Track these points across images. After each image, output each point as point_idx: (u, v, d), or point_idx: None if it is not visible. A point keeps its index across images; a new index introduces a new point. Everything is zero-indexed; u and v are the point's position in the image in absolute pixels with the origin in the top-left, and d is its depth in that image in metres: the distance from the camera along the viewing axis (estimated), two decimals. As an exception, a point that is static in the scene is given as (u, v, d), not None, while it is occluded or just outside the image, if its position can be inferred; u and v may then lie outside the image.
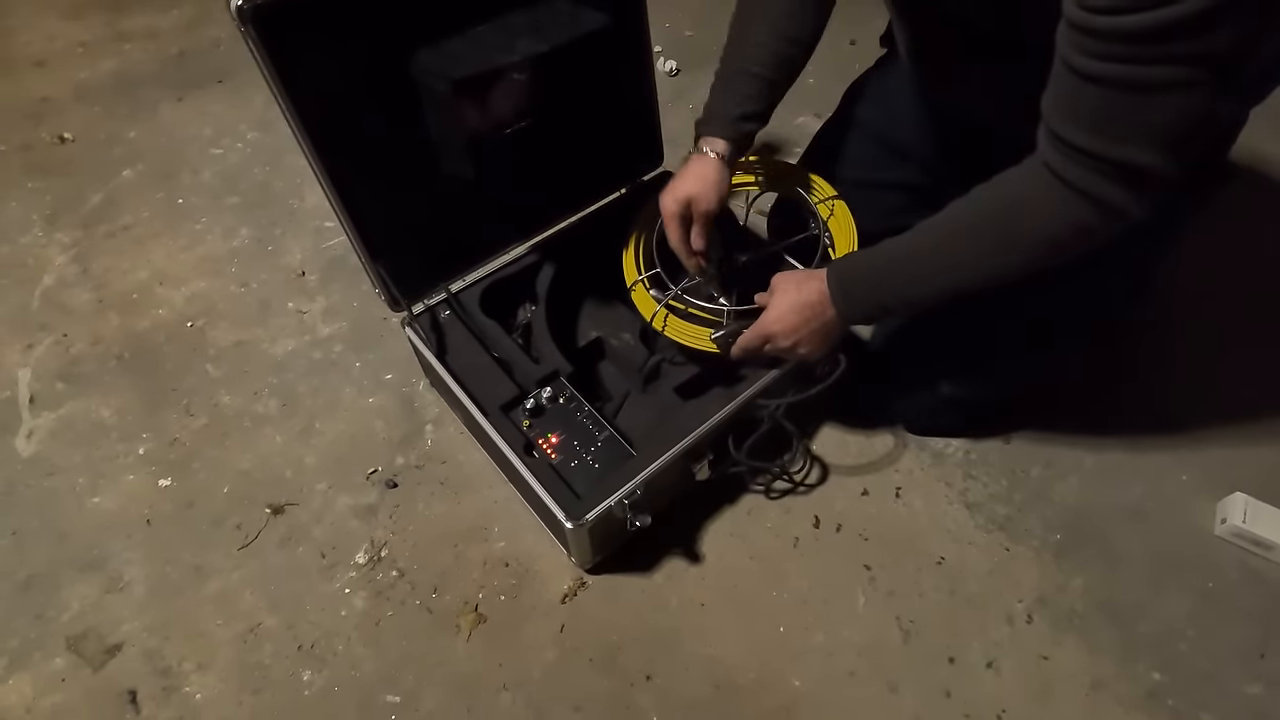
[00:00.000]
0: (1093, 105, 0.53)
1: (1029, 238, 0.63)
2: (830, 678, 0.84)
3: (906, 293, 0.72)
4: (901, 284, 0.72)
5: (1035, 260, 0.64)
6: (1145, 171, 0.54)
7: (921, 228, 0.70)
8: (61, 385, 1.09)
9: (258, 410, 1.06)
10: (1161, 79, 0.50)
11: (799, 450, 0.97)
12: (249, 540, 0.94)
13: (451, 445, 1.02)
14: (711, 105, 0.85)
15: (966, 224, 0.67)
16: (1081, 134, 0.55)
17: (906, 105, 0.93)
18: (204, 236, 1.29)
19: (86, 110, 1.51)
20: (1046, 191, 0.59)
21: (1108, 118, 0.53)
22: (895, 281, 0.72)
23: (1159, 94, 0.51)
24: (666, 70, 1.59)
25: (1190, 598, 0.89)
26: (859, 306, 0.75)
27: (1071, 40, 0.52)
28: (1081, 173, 0.57)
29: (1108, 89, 0.52)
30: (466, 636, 0.87)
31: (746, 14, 0.83)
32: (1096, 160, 0.55)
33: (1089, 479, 0.98)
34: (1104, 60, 0.51)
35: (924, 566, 0.92)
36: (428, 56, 0.75)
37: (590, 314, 1.04)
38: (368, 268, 0.87)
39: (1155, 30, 0.47)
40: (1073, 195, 0.58)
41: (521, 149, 0.90)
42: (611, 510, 0.79)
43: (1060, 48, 0.54)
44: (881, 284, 0.73)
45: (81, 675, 0.84)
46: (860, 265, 0.75)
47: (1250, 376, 1.07)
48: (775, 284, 0.80)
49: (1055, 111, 0.57)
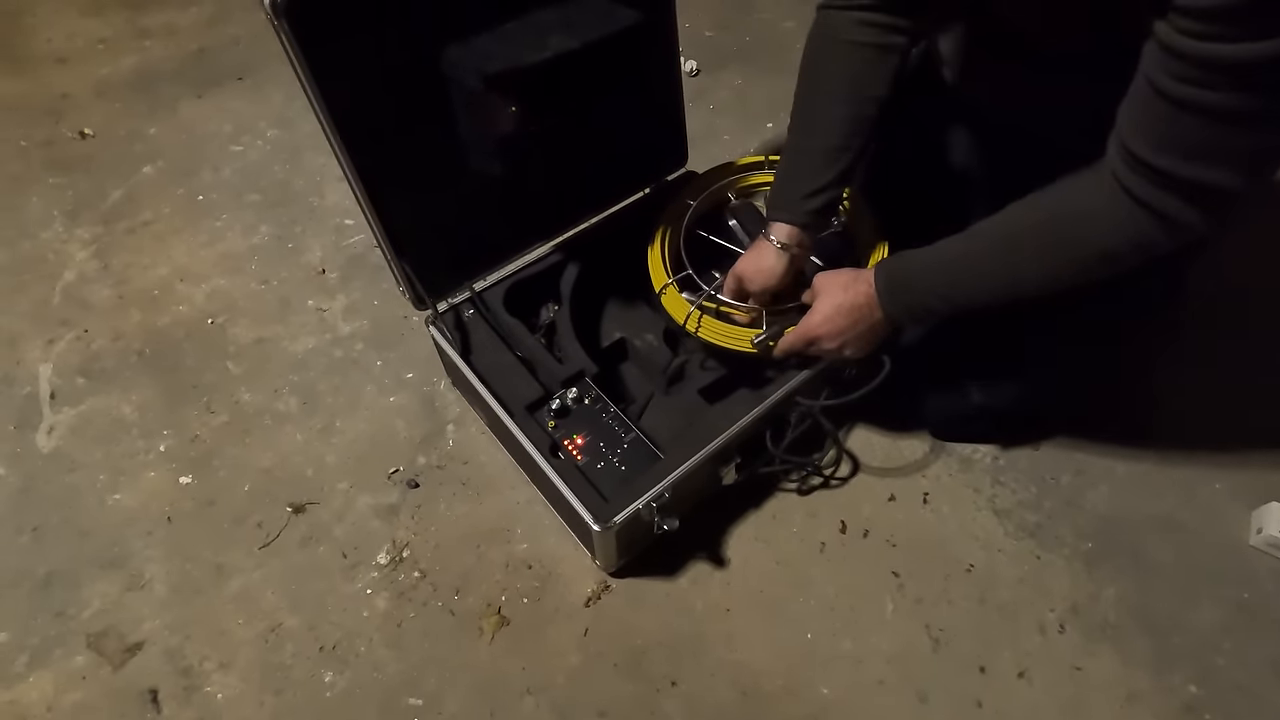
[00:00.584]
0: (1178, 129, 0.52)
1: (1088, 249, 0.62)
2: (859, 686, 0.82)
3: (956, 296, 0.70)
4: (951, 287, 0.70)
5: (1091, 271, 0.63)
6: (1222, 192, 0.53)
7: (976, 231, 0.68)
8: (82, 381, 1.09)
9: (278, 408, 1.06)
10: (1251, 109, 0.49)
11: (833, 448, 0.96)
12: (270, 539, 0.93)
13: (473, 445, 1.02)
14: (776, 186, 0.84)
15: (1024, 230, 0.66)
16: (1162, 155, 0.54)
17: (940, 112, 0.91)
18: (224, 233, 1.29)
19: (107, 107, 1.51)
20: (1112, 205, 0.58)
21: (1192, 142, 0.52)
22: (945, 285, 0.71)
23: (1246, 123, 0.50)
24: (688, 70, 1.58)
25: (1225, 609, 0.87)
26: (907, 309, 0.74)
27: (1162, 63, 0.51)
28: (1154, 191, 0.55)
29: (1196, 115, 0.51)
30: (489, 639, 0.86)
31: (811, 80, 0.80)
32: (1173, 180, 0.54)
33: (1120, 487, 0.97)
34: (1197, 86, 0.49)
35: (953, 574, 0.90)
36: (459, 53, 0.75)
37: (613, 314, 1.03)
38: (393, 265, 0.86)
39: (1253, 63, 0.46)
40: (1140, 211, 0.57)
41: (548, 147, 0.89)
42: (639, 513, 0.78)
43: (1148, 69, 0.53)
44: (931, 287, 0.71)
45: (102, 674, 0.83)
46: (910, 267, 0.73)
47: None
48: (820, 285, 0.79)
49: (1134, 130, 0.56)
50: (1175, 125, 0.52)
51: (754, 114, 1.51)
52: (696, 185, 1.00)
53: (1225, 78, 0.48)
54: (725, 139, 1.46)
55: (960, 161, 0.92)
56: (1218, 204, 0.55)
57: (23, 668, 0.84)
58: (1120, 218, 0.58)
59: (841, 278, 0.77)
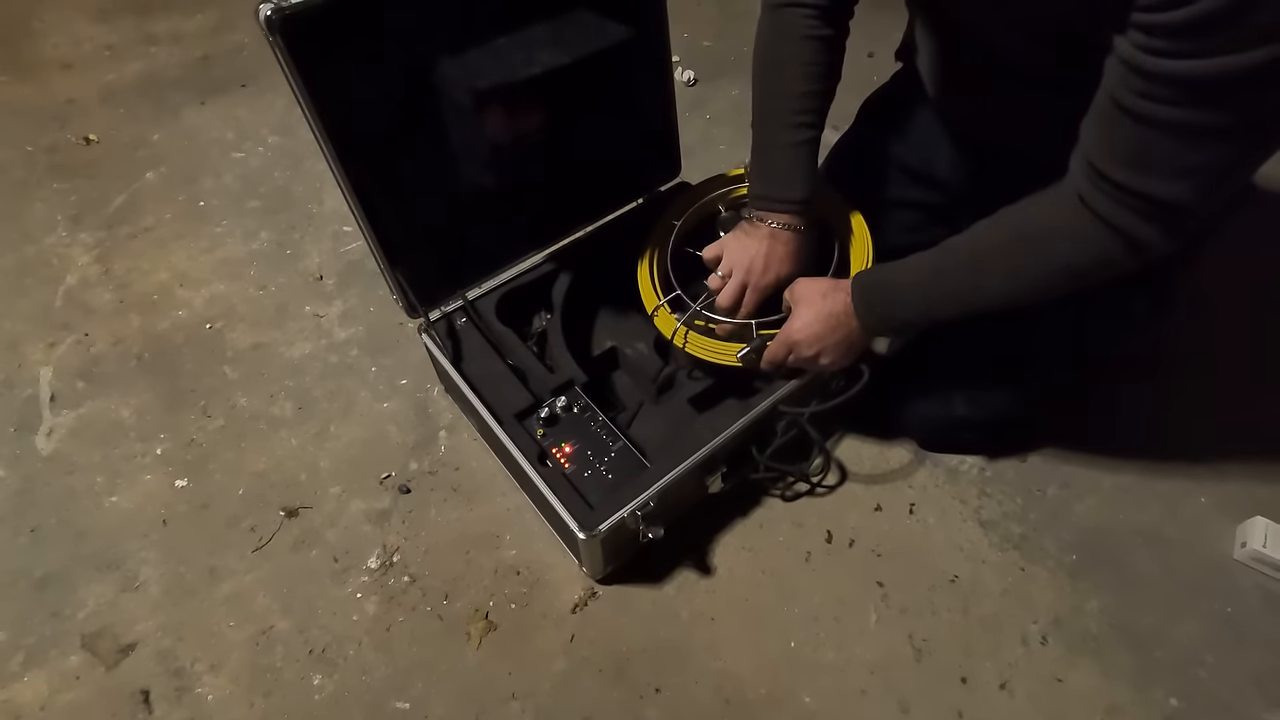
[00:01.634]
0: (1136, 143, 0.53)
1: (1052, 265, 0.63)
2: (841, 695, 0.83)
3: (927, 309, 0.73)
4: (923, 300, 0.73)
5: (1055, 287, 0.64)
6: (1177, 208, 0.54)
7: (946, 246, 0.70)
8: (82, 384, 1.10)
9: (274, 413, 1.07)
10: (1212, 125, 0.50)
11: (821, 456, 0.97)
12: (263, 542, 0.95)
13: (465, 452, 1.03)
14: (758, 179, 0.85)
15: (990, 246, 0.67)
16: (1119, 169, 0.55)
17: (924, 124, 0.93)
18: (224, 239, 1.30)
19: (111, 113, 1.53)
20: (1075, 221, 0.59)
21: (1150, 156, 0.53)
22: (917, 298, 0.73)
23: (1207, 138, 0.50)
24: (685, 80, 1.60)
25: (1209, 623, 0.88)
26: (882, 319, 0.76)
27: (1123, 79, 0.52)
28: (1114, 207, 0.57)
29: (1154, 129, 0.52)
30: (477, 644, 0.87)
31: (775, 72, 0.83)
32: (1130, 195, 0.55)
33: (1106, 499, 0.97)
34: (1155, 102, 0.50)
35: (937, 584, 0.91)
36: (451, 67, 0.76)
37: (605, 323, 1.04)
38: (386, 274, 0.88)
39: (1214, 79, 0.47)
40: (1102, 227, 0.58)
41: (541, 158, 0.90)
42: (624, 521, 0.79)
43: (1109, 84, 0.54)
44: (904, 299, 0.74)
45: (95, 674, 0.85)
46: (884, 279, 0.76)
47: (1273, 398, 1.06)
48: (799, 293, 0.81)
49: (1094, 145, 0.57)
50: (1136, 140, 0.53)
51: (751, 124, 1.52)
52: (686, 199, 1.01)
53: (1186, 93, 0.49)
54: (721, 149, 1.47)
55: (944, 173, 0.93)
56: (1175, 220, 0.55)
57: (18, 667, 0.85)
58: (1083, 234, 0.59)
59: (820, 285, 0.79)
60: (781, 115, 0.82)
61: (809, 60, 0.80)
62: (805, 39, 0.80)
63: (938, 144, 0.91)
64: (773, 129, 0.83)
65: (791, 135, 0.82)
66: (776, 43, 0.82)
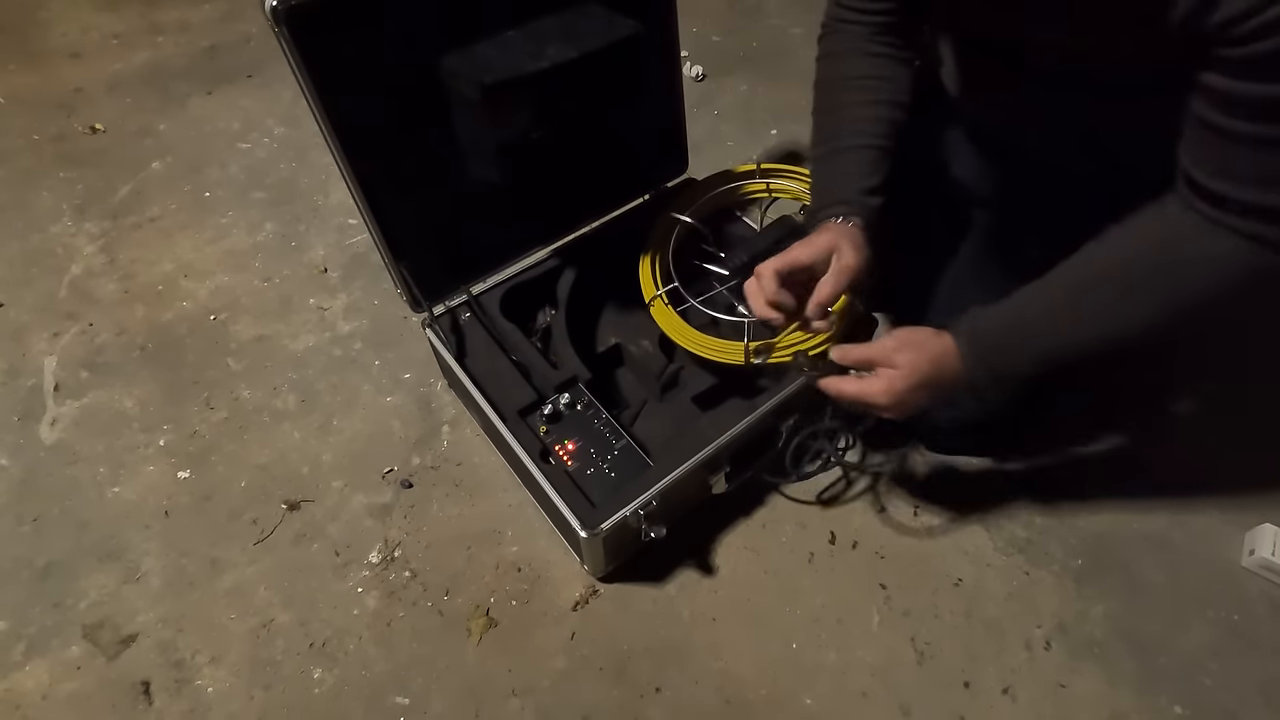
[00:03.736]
0: (1246, 163, 0.54)
1: (1200, 287, 0.60)
2: (842, 697, 0.83)
3: (1051, 353, 0.65)
4: (1046, 345, 0.65)
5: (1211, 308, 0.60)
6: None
7: (1055, 283, 0.64)
8: (86, 374, 1.10)
9: (277, 405, 1.07)
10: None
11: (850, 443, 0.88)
12: (265, 535, 0.95)
13: (467, 447, 1.02)
14: (823, 186, 0.76)
15: (1120, 277, 0.62)
16: (1236, 188, 0.55)
17: (938, 126, 0.92)
18: (229, 230, 1.30)
19: (118, 102, 1.53)
20: (1209, 240, 0.57)
21: (1262, 173, 0.53)
22: (1040, 343, 0.65)
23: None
24: (693, 75, 1.59)
25: (1214, 630, 0.87)
26: (991, 370, 0.66)
27: (1215, 105, 0.53)
28: (1240, 220, 0.55)
29: (1260, 148, 0.52)
30: (477, 640, 0.86)
31: (833, 90, 0.78)
32: (1254, 209, 0.55)
33: (1112, 505, 0.96)
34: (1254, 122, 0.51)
35: (940, 587, 0.90)
36: (458, 61, 0.75)
37: (610, 320, 1.03)
38: (390, 268, 0.87)
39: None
40: (1240, 240, 0.56)
41: (547, 153, 0.89)
42: (626, 520, 0.79)
43: (1211, 117, 0.54)
44: (1025, 347, 0.65)
45: (96, 664, 0.85)
46: (998, 330, 0.66)
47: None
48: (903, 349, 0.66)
49: (1200, 167, 0.56)
50: (1241, 158, 0.54)
51: (759, 120, 1.51)
52: (692, 194, 1.01)
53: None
54: (729, 145, 1.46)
55: (961, 174, 0.92)
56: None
57: (19, 656, 0.85)
58: (1221, 250, 0.57)
59: (929, 349, 0.67)
60: (830, 131, 0.77)
61: (865, 74, 0.76)
62: (864, 56, 0.76)
63: (953, 144, 0.90)
64: (820, 144, 0.78)
65: (839, 143, 0.76)
66: (831, 63, 0.78)
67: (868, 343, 0.70)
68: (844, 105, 0.77)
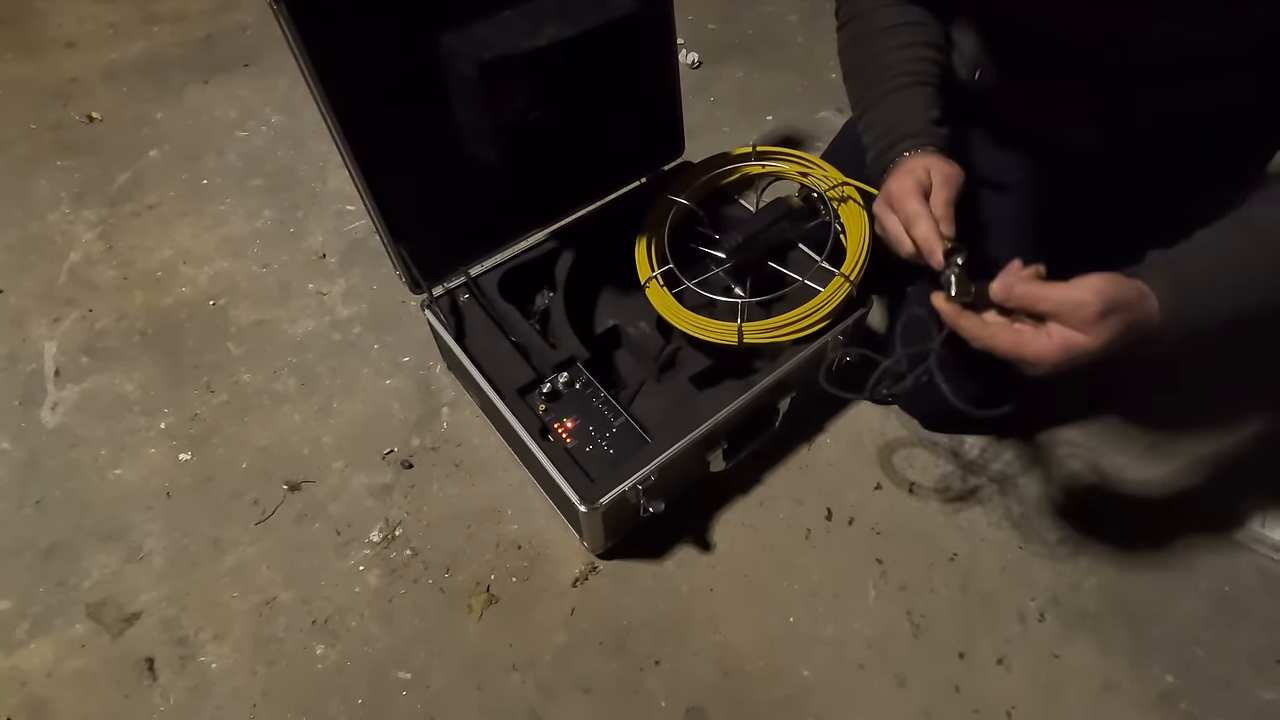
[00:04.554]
0: None
1: None
2: (840, 669, 0.84)
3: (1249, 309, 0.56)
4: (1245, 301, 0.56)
5: None
6: None
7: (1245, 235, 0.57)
8: (86, 359, 1.11)
9: (277, 389, 1.08)
10: None
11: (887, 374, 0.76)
12: (266, 515, 0.95)
13: (467, 428, 1.03)
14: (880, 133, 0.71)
15: None
16: None
17: None
18: (228, 217, 1.30)
19: (115, 91, 1.53)
20: None
21: None
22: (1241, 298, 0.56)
23: None
24: (689, 62, 1.59)
25: (1206, 602, 0.88)
26: (1190, 332, 0.57)
27: None
28: None
29: None
30: (478, 617, 0.87)
31: (866, 43, 0.75)
32: None
33: (1105, 478, 0.98)
34: None
35: (936, 562, 0.91)
36: (455, 39, 0.76)
37: (608, 302, 1.04)
38: (389, 249, 0.88)
39: None
40: None
41: (545, 134, 0.90)
42: (625, 495, 0.80)
43: None
44: (1225, 301, 0.56)
45: (100, 642, 0.86)
46: (1201, 279, 0.56)
47: (1275, 376, 1.06)
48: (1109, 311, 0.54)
49: None
50: None
51: (754, 106, 1.52)
52: (689, 176, 1.01)
53: None
54: (725, 130, 1.47)
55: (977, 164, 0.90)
56: None
57: (24, 635, 0.86)
58: None
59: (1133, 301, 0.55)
60: (872, 80, 0.72)
61: (899, 22, 0.72)
62: (892, 6, 0.72)
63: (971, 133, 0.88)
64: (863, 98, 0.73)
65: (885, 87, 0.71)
66: (857, 23, 0.75)
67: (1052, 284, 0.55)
68: (882, 53, 0.73)
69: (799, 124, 1.48)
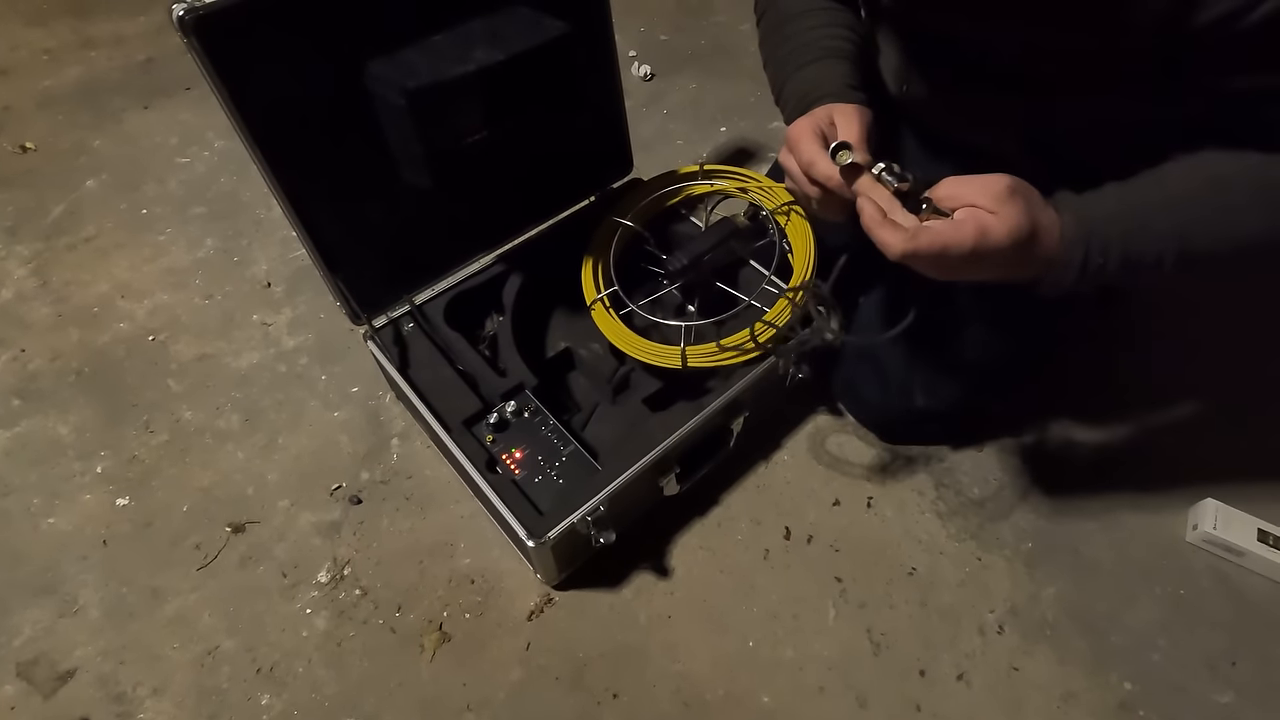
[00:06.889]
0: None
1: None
2: (800, 693, 0.82)
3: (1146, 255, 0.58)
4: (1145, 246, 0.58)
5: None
6: None
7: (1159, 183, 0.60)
8: (17, 402, 1.06)
9: (220, 426, 1.04)
10: None
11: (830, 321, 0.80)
12: (208, 560, 0.92)
13: (418, 460, 1.01)
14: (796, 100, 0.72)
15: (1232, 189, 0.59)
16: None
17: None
18: (168, 248, 1.26)
19: (50, 119, 1.48)
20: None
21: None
22: (1142, 240, 0.58)
23: None
24: (641, 75, 1.58)
25: (1162, 606, 0.88)
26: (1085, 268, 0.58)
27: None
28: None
29: None
30: (430, 656, 0.85)
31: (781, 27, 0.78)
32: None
33: (1061, 486, 0.98)
34: None
35: (895, 578, 0.91)
36: (381, 67, 0.74)
37: (559, 324, 1.02)
38: (327, 281, 0.85)
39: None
40: None
41: (484, 159, 0.88)
42: (575, 527, 0.78)
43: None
44: (1127, 240, 0.58)
45: (32, 703, 0.82)
46: (1106, 215, 0.59)
47: (1221, 381, 1.07)
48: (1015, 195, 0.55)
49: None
50: None
51: (708, 118, 1.51)
52: (635, 196, 1.00)
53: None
54: (679, 143, 1.46)
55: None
56: None
57: (-51, 699, 0.82)
58: None
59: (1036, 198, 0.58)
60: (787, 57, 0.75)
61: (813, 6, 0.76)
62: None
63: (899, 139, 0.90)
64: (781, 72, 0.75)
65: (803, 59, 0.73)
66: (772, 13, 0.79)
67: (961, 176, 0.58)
68: (797, 34, 0.76)
69: (752, 134, 1.47)
